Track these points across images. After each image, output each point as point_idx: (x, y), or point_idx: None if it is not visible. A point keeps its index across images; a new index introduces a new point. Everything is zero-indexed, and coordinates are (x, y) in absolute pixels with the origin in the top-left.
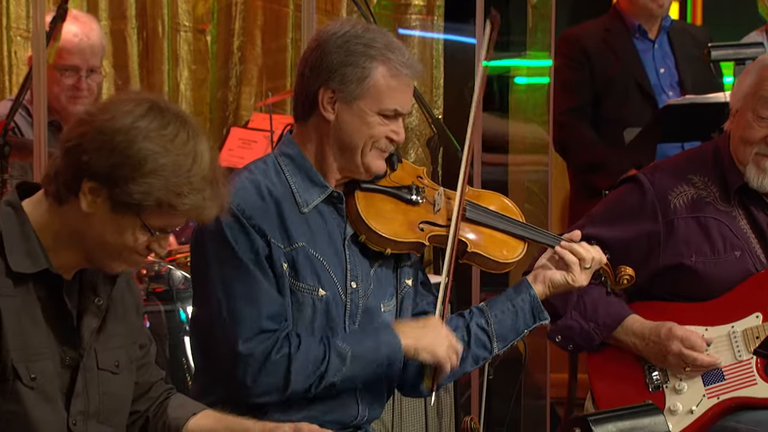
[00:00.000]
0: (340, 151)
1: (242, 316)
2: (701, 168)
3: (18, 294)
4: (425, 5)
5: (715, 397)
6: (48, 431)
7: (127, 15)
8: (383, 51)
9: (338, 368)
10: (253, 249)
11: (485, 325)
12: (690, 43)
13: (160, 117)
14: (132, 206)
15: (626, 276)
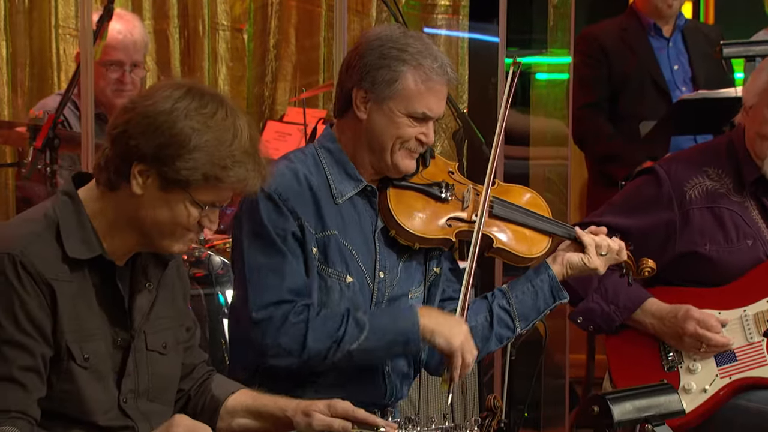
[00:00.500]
0: (370, 149)
1: (265, 284)
2: (715, 161)
3: (74, 279)
4: (451, 5)
5: (728, 377)
6: (100, 409)
7: (170, 15)
8: (416, 56)
9: (355, 336)
10: (285, 228)
11: (507, 306)
12: (702, 41)
13: (198, 97)
14: (180, 183)
15: (648, 268)
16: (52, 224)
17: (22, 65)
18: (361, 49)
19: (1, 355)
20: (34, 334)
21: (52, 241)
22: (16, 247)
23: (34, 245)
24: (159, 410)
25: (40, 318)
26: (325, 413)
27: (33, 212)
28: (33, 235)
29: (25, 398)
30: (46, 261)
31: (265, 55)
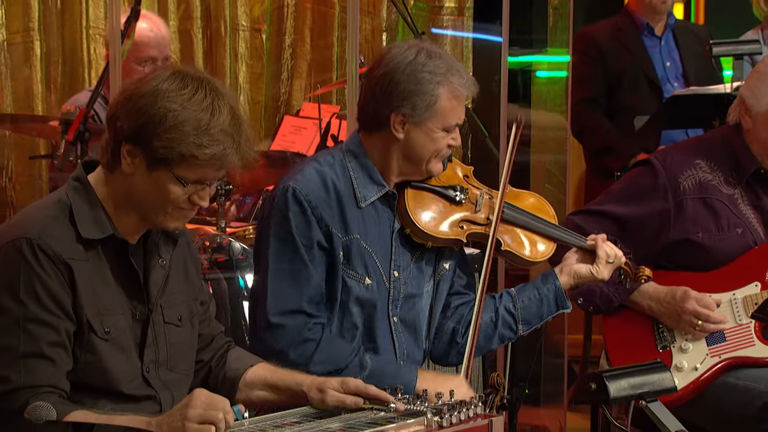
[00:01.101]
0: (406, 160)
1: (283, 291)
2: (708, 154)
3: (89, 258)
4: (456, 7)
5: (717, 356)
6: (125, 378)
7: (193, 16)
8: (446, 75)
9: (355, 373)
10: (310, 236)
11: (512, 309)
12: (693, 40)
13: (180, 79)
14: (161, 161)
15: (644, 276)
16: (65, 208)
17: (55, 63)
18: (393, 75)
19: (28, 333)
20: (57, 311)
21: (66, 224)
22: (33, 231)
23: (49, 228)
24: (178, 379)
25: (61, 295)
26: (339, 390)
27: (48, 199)
28: (48, 219)
29: (55, 372)
30: (62, 242)
31: (281, 54)
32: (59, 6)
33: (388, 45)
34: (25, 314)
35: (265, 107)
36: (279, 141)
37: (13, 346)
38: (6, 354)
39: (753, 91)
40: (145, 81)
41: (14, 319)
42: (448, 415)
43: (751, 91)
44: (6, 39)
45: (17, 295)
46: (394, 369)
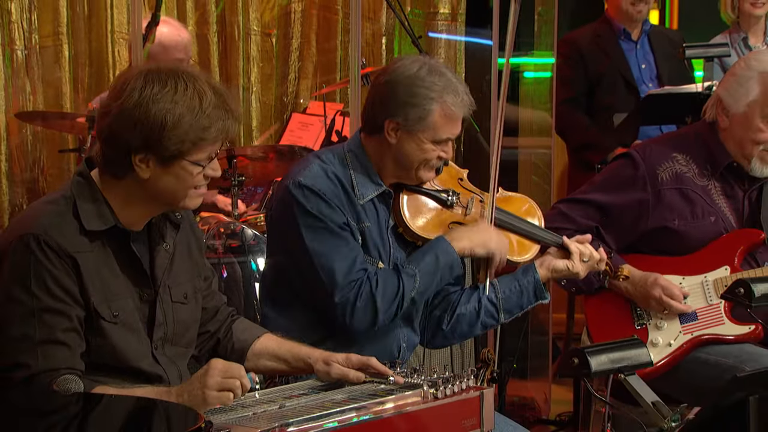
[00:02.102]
0: (397, 165)
1: (335, 271)
2: (684, 148)
3: (94, 249)
4: (450, 13)
5: (690, 333)
6: (135, 357)
7: (209, 21)
8: (442, 93)
9: (412, 287)
10: (337, 218)
11: (494, 299)
12: (666, 44)
13: (156, 79)
14: (175, 156)
15: (622, 275)
16: (69, 203)
17: (82, 65)
18: (393, 84)
19: (43, 322)
20: (67, 299)
21: (70, 218)
22: (39, 227)
23: (54, 224)
24: (181, 352)
25: (69, 285)
26: (343, 364)
27: (53, 194)
28: (53, 214)
29: (70, 356)
30: (67, 236)
31: (289, 56)
32: (86, 12)
33: (399, 56)
34: (38, 305)
35: (275, 105)
36: (287, 136)
37: (29, 335)
38: (23, 342)
39: (730, 92)
40: (125, 94)
41: (29, 310)
42: (442, 387)
43: (729, 93)
44: (37, 42)
45: (29, 288)
46: (433, 258)
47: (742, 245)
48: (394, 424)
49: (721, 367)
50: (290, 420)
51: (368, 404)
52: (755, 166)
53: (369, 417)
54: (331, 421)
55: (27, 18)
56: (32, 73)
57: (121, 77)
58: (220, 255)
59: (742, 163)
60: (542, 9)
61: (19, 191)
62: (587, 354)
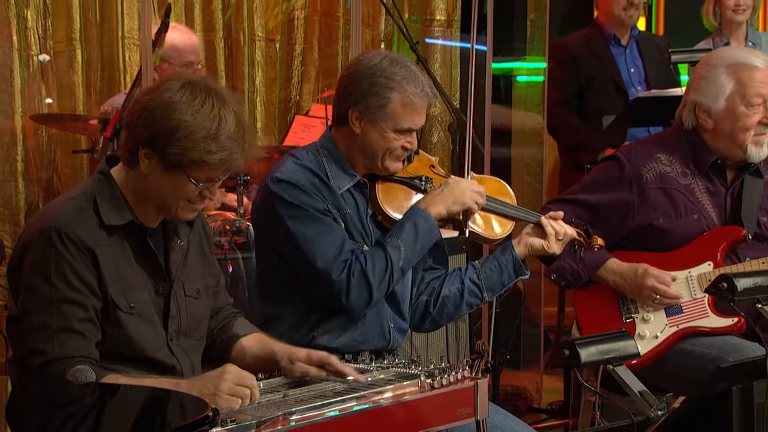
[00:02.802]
0: (364, 155)
1: (326, 254)
2: (667, 150)
3: (112, 243)
4: (446, 19)
5: (675, 326)
6: (151, 347)
7: (216, 27)
8: (402, 83)
9: (398, 258)
10: (318, 205)
11: (476, 280)
12: (654, 49)
13: (190, 91)
14: (176, 164)
15: (597, 245)
16: (90, 199)
17: (95, 69)
18: (356, 75)
19: (60, 311)
20: (84, 290)
21: (90, 213)
22: (61, 220)
23: (75, 218)
24: (195, 345)
25: (87, 277)
26: (305, 361)
27: (75, 190)
28: (74, 209)
29: (85, 344)
30: (87, 230)
31: (293, 61)
32: (98, 19)
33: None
34: (57, 295)
35: (279, 108)
36: (291, 137)
37: (47, 323)
38: (41, 331)
39: (706, 94)
40: (158, 92)
41: (47, 300)
42: (439, 377)
43: (704, 95)
44: (52, 48)
45: (49, 278)
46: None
47: (725, 241)
48: (392, 412)
49: (705, 358)
50: (293, 409)
51: (368, 393)
52: (751, 152)
53: (368, 406)
54: (332, 409)
55: (42, 24)
56: (47, 77)
57: (163, 79)
58: (226, 251)
59: (737, 154)
60: (535, 16)
61: (34, 190)
62: (577, 346)
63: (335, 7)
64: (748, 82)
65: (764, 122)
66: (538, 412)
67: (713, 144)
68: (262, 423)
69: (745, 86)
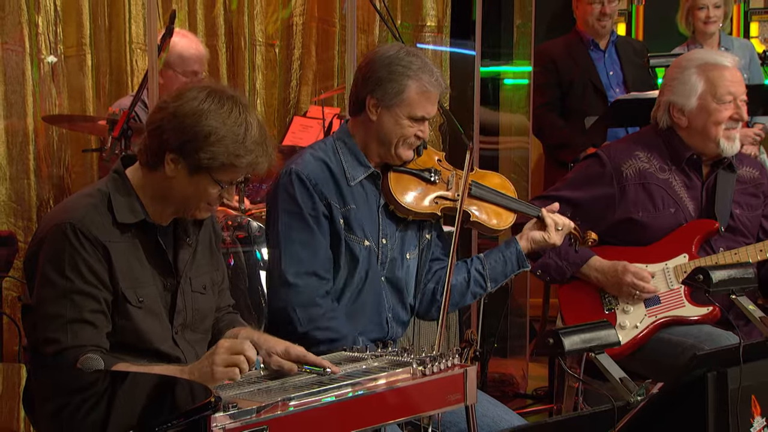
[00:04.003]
0: (379, 143)
1: (297, 254)
2: (645, 147)
3: (124, 240)
4: (436, 25)
5: (654, 316)
6: (158, 339)
7: (218, 33)
8: (417, 72)
9: (349, 346)
10: (315, 208)
11: (482, 270)
12: (631, 53)
13: (217, 99)
14: (204, 168)
15: (591, 239)
16: (104, 197)
17: (104, 73)
18: (373, 64)
19: (74, 302)
20: (97, 283)
21: (104, 210)
22: (76, 217)
23: (90, 214)
24: (200, 338)
25: (100, 270)
26: (282, 355)
27: (90, 188)
28: (89, 206)
29: (97, 334)
30: (100, 226)
31: (291, 65)
32: (107, 25)
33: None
34: (71, 287)
35: (278, 109)
36: (289, 137)
37: (61, 314)
38: (56, 320)
39: (679, 94)
40: (185, 99)
41: (61, 292)
42: (430, 365)
43: (678, 95)
44: (63, 52)
45: (63, 271)
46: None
47: (699, 234)
48: (386, 398)
49: (682, 346)
50: (291, 395)
51: (363, 380)
52: (724, 146)
53: (363, 392)
54: (329, 395)
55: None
56: (58, 80)
57: (185, 86)
58: (228, 245)
59: (711, 149)
60: (520, 22)
61: (46, 187)
62: (561, 335)
63: (332, 14)
64: (718, 81)
65: (734, 117)
66: (524, 397)
67: (688, 140)
68: (262, 408)
69: (715, 85)
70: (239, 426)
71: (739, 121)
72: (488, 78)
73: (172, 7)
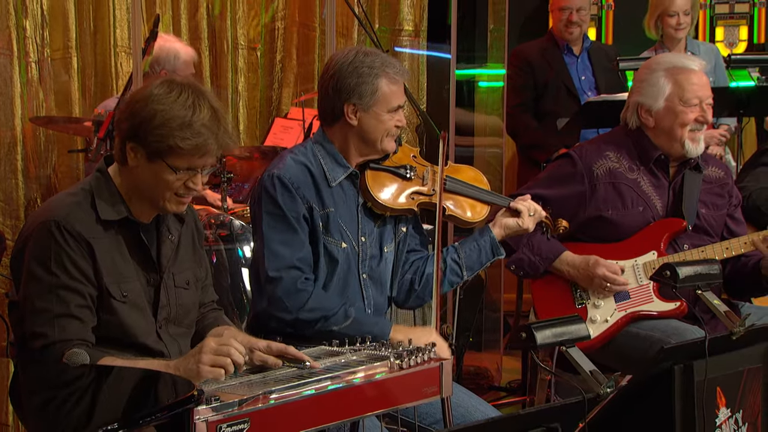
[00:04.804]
0: (363, 143)
1: (278, 252)
2: (615, 147)
3: (107, 236)
4: (413, 30)
5: (624, 310)
6: (142, 333)
7: (202, 37)
8: (383, 68)
9: (339, 322)
10: (296, 210)
11: (458, 259)
12: (603, 57)
13: (168, 86)
14: (156, 153)
15: (562, 226)
16: (87, 195)
17: (89, 75)
18: (339, 74)
19: (60, 297)
20: (82, 279)
21: (88, 208)
22: (60, 214)
23: (74, 212)
24: (183, 332)
25: (84, 266)
26: (264, 351)
27: (74, 187)
28: (73, 204)
29: (82, 328)
30: (84, 223)
31: (273, 68)
32: (92, 28)
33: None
34: (57, 282)
35: (260, 111)
36: (271, 138)
37: (48, 309)
38: (43, 315)
39: (647, 95)
40: (140, 90)
41: (47, 287)
42: (407, 358)
43: (646, 96)
44: (49, 55)
45: (49, 267)
46: (372, 321)
47: (667, 232)
48: (364, 391)
49: (650, 340)
50: (272, 388)
51: (342, 374)
52: (689, 148)
53: (342, 385)
54: (309, 389)
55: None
56: (45, 82)
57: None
58: (210, 243)
59: (677, 149)
60: (494, 27)
61: (33, 187)
62: (534, 329)
63: (312, 19)
64: (685, 84)
65: (700, 120)
66: (498, 390)
67: (655, 140)
68: (243, 401)
69: (682, 88)
70: (221, 418)
71: (704, 124)
72: (463, 80)
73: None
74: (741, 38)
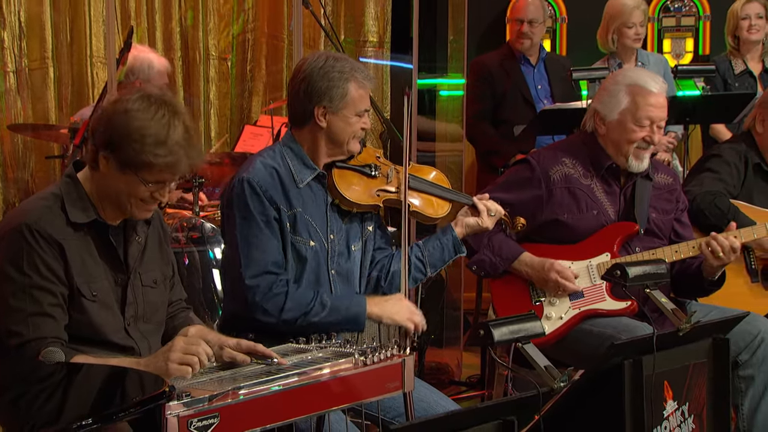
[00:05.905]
0: (331, 144)
1: (252, 257)
2: (571, 154)
3: (77, 238)
4: (377, 41)
5: (578, 308)
6: (111, 331)
7: (175, 47)
8: (352, 73)
9: (318, 312)
10: (265, 213)
11: (421, 257)
12: (559, 68)
13: (146, 101)
14: (128, 165)
15: (520, 223)
16: (57, 199)
17: (66, 84)
18: (310, 77)
19: (33, 297)
20: (53, 279)
21: (58, 211)
22: (31, 218)
23: (45, 215)
24: (153, 329)
25: (55, 267)
26: (234, 348)
27: (45, 191)
28: (44, 208)
29: (56, 327)
30: (55, 226)
31: (243, 77)
32: (69, 39)
33: (302, 58)
34: (29, 283)
35: (231, 119)
36: (241, 144)
37: (22, 308)
38: (17, 314)
39: (604, 104)
40: (119, 102)
41: (21, 287)
42: (371, 355)
43: (603, 105)
44: (27, 66)
45: (21, 269)
46: (348, 301)
47: (620, 235)
48: (330, 386)
49: (602, 336)
50: (241, 384)
51: (308, 370)
52: (632, 163)
53: (308, 381)
54: (277, 384)
55: (18, 45)
56: (23, 91)
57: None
58: (182, 245)
59: (621, 162)
60: (453, 39)
61: (11, 191)
62: (491, 327)
63: (280, 30)
64: (641, 103)
65: (647, 140)
66: (458, 384)
67: (606, 148)
68: (214, 397)
69: (637, 107)
70: (192, 413)
71: (651, 144)
72: (425, 89)
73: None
74: (687, 50)
